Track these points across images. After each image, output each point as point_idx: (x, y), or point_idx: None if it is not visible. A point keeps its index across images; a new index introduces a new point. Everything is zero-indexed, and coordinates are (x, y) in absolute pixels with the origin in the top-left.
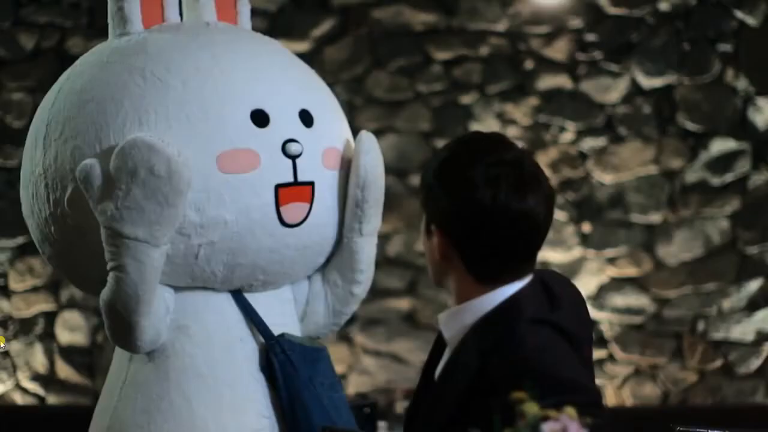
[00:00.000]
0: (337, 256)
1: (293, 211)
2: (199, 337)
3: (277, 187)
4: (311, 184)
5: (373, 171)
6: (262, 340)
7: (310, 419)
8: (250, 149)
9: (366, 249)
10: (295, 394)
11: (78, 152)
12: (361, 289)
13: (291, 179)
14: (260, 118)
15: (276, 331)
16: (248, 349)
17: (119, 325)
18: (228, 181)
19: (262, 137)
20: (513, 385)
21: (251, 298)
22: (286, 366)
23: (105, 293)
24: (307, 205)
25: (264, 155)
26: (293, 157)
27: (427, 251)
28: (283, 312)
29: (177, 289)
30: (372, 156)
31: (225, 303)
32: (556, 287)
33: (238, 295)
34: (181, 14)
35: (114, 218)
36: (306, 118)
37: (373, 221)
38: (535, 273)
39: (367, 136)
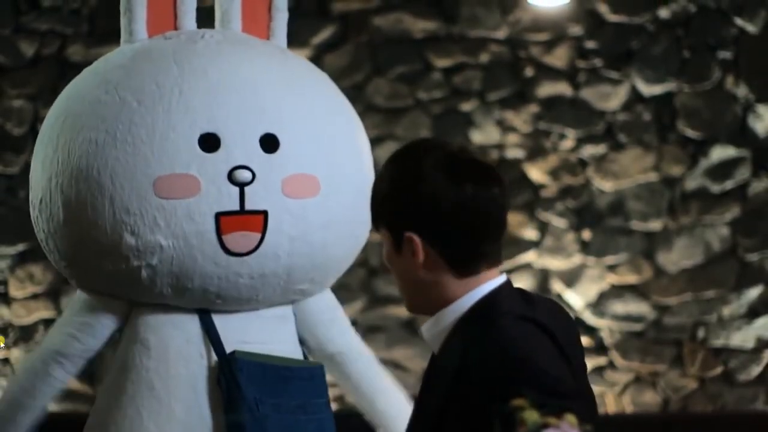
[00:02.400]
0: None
1: (238, 240)
2: (156, 351)
3: (218, 215)
4: (263, 213)
5: None
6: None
7: None
8: (190, 174)
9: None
10: (234, 415)
11: (47, 162)
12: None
13: (236, 207)
14: (209, 142)
15: (256, 349)
16: (207, 367)
17: None
18: (163, 206)
19: (207, 162)
20: (492, 374)
21: (225, 316)
22: (231, 385)
23: None
24: (258, 235)
25: (205, 181)
26: (241, 185)
27: (400, 272)
28: (266, 330)
29: (138, 303)
30: None
31: (188, 320)
32: (535, 297)
33: (202, 313)
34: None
35: None
36: (269, 142)
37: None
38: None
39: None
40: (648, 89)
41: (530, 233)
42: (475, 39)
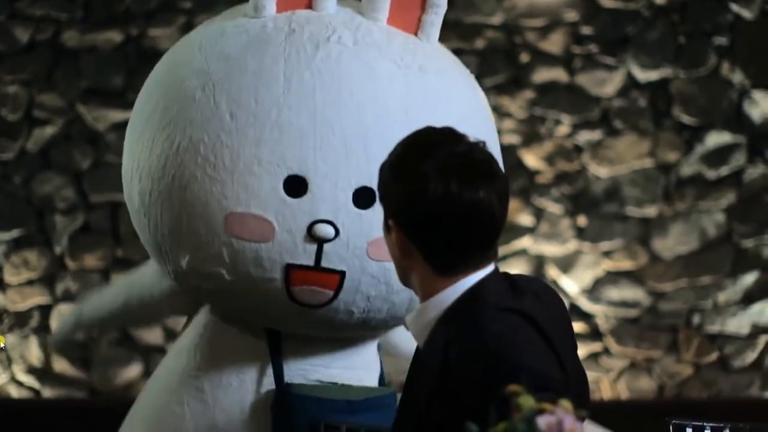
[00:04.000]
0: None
1: (309, 294)
2: (214, 354)
3: (289, 266)
4: (341, 273)
5: None
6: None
7: None
8: (265, 218)
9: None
10: None
11: (134, 138)
12: None
13: (311, 263)
14: (295, 186)
15: (326, 376)
16: (261, 386)
17: None
18: (231, 243)
19: (288, 209)
20: (473, 371)
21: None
22: (282, 416)
23: None
24: (331, 292)
25: (281, 229)
26: (320, 241)
27: (389, 248)
28: (338, 354)
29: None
30: None
31: (256, 334)
32: (522, 283)
33: (273, 332)
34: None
35: None
36: (364, 197)
37: None
38: (513, 275)
39: None
40: (643, 75)
41: (525, 219)
42: (470, 25)
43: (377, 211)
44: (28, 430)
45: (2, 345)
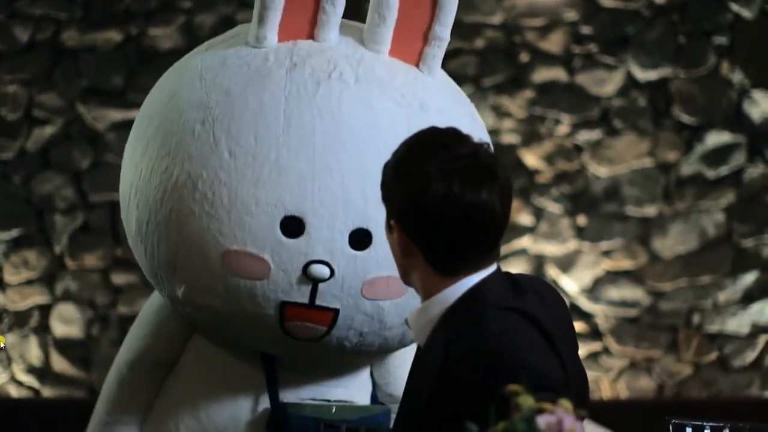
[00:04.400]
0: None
1: (302, 329)
2: (207, 372)
3: (284, 303)
4: (334, 310)
5: None
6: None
7: None
8: (261, 257)
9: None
10: None
11: (134, 160)
12: None
13: (305, 301)
14: (292, 227)
15: (320, 394)
16: (256, 405)
17: None
18: (227, 279)
19: (284, 249)
20: (473, 370)
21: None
22: None
23: None
24: (324, 328)
25: (277, 268)
26: (316, 281)
27: (391, 248)
28: (332, 375)
29: None
30: None
31: (251, 356)
32: (524, 283)
33: (267, 356)
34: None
35: None
36: (360, 238)
37: None
38: (515, 275)
39: None
40: (643, 75)
41: (525, 219)
42: (470, 24)
43: (373, 252)
44: (28, 430)
45: (2, 345)
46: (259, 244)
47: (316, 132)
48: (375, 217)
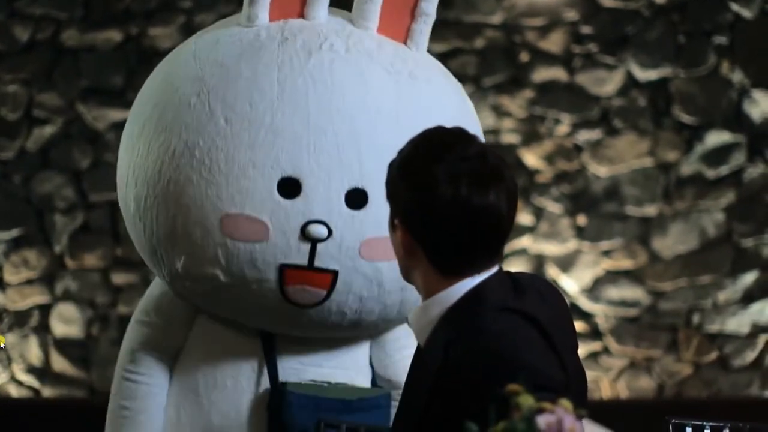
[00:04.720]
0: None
1: (302, 294)
2: (207, 357)
3: (283, 266)
4: (333, 272)
5: None
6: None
7: None
8: (260, 220)
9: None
10: None
11: (130, 143)
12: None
13: (304, 263)
14: (289, 188)
15: (319, 375)
16: (257, 386)
17: None
18: (226, 245)
19: (281, 210)
20: (473, 370)
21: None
22: (278, 416)
23: None
24: (324, 292)
25: (275, 230)
26: (314, 241)
27: (394, 246)
28: (331, 354)
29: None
30: None
31: (250, 335)
32: (526, 282)
33: (266, 333)
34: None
35: None
36: (356, 198)
37: None
38: (513, 273)
39: None
40: (643, 74)
41: (525, 218)
42: (470, 24)
43: (369, 212)
44: (28, 430)
45: (2, 345)
46: (258, 206)
47: (309, 97)
48: (371, 177)
